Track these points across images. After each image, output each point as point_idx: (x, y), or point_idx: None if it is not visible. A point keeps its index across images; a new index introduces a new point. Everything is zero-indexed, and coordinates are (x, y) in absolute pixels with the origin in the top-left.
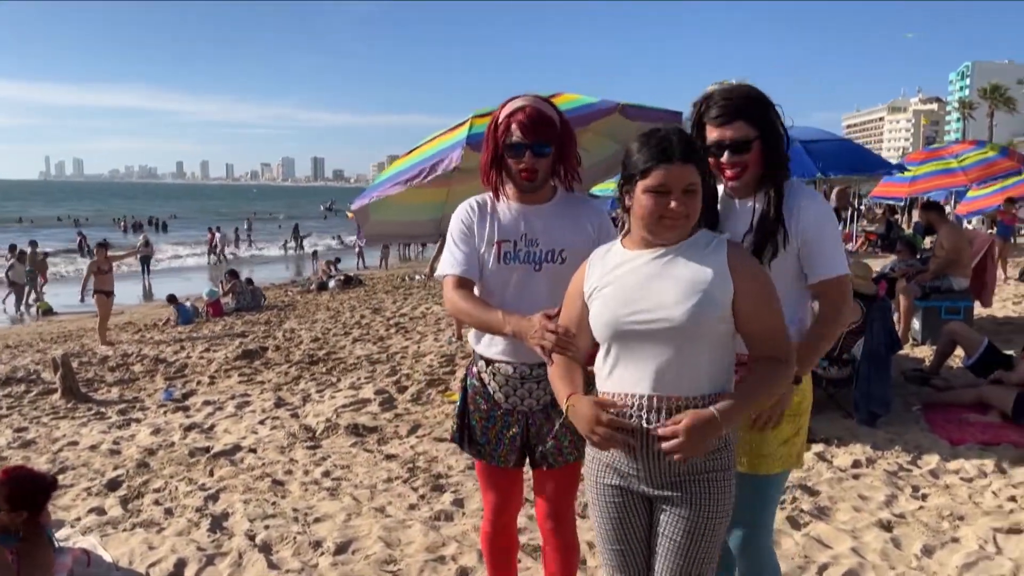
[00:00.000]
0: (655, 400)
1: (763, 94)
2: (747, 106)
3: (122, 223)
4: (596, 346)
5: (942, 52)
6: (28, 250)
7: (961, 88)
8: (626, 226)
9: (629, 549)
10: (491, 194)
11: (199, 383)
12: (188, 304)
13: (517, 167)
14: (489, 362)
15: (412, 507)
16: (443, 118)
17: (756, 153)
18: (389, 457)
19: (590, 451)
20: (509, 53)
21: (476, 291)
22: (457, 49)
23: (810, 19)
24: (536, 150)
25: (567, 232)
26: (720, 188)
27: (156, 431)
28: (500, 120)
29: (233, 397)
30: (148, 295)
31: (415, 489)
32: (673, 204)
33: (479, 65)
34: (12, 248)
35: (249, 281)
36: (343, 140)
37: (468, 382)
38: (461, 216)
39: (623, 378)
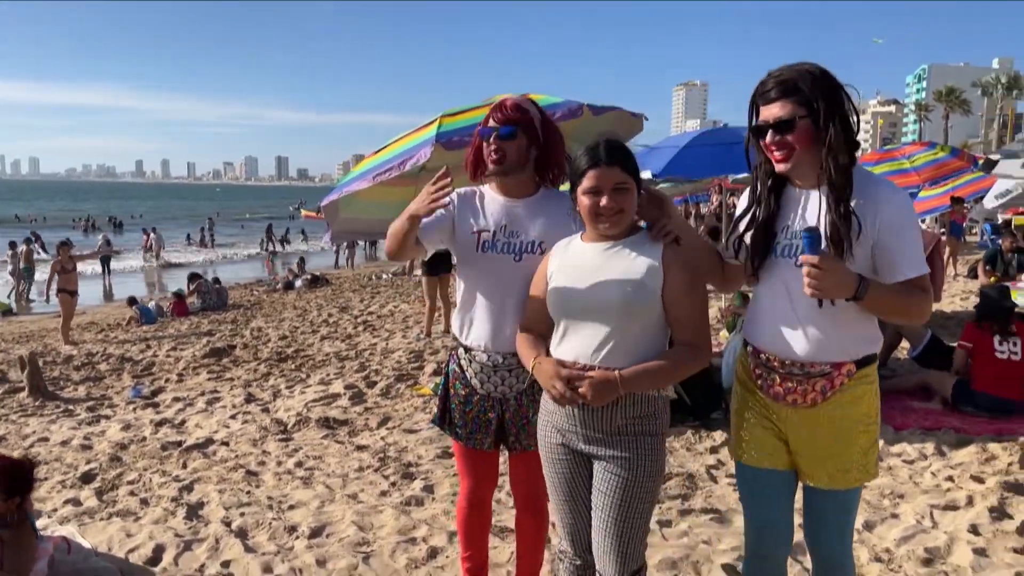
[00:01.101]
0: (595, 368)
1: (825, 72)
2: (798, 83)
3: (81, 223)
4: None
5: (899, 55)
6: (23, 247)
7: (918, 90)
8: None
9: (574, 500)
10: (484, 186)
11: (167, 380)
12: (152, 304)
13: (487, 151)
14: (467, 349)
15: (384, 493)
16: (410, 117)
17: (803, 133)
18: (360, 448)
19: (540, 415)
20: (477, 52)
21: (458, 278)
22: (424, 48)
23: (771, 20)
24: (501, 132)
25: (546, 226)
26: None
27: (126, 427)
28: (487, 115)
29: (203, 394)
30: (109, 295)
31: (386, 477)
32: (603, 201)
33: (446, 64)
34: (12, 245)
35: (216, 280)
36: (308, 139)
37: (449, 367)
38: (448, 196)
39: (570, 348)
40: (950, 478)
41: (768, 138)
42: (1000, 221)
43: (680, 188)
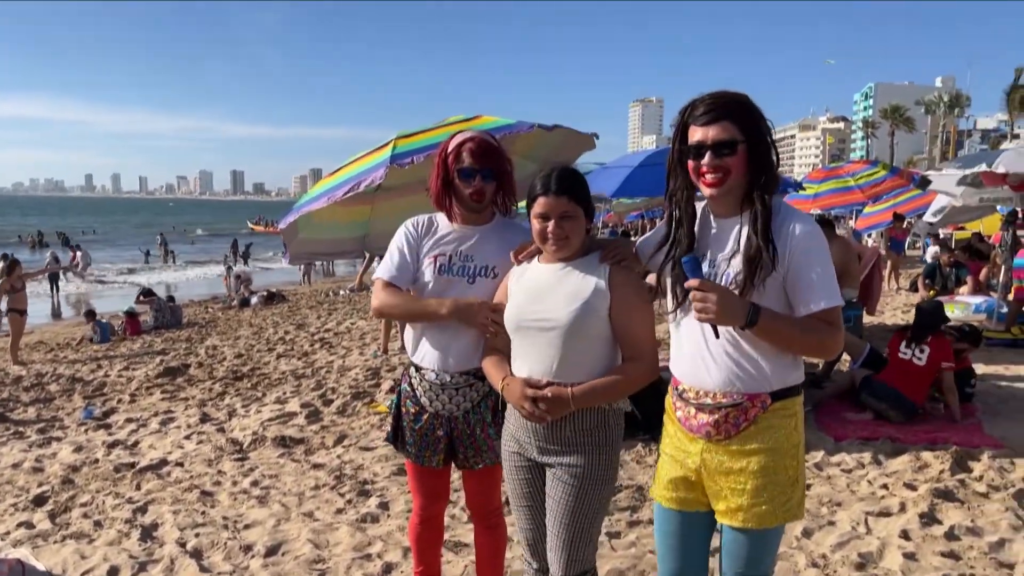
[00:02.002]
0: (549, 384)
1: (755, 103)
2: (736, 108)
3: (29, 239)
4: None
5: (848, 73)
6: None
7: (865, 108)
8: None
9: (532, 508)
10: (437, 214)
11: (120, 401)
12: (106, 320)
13: (467, 190)
14: (418, 368)
15: (339, 511)
16: (366, 131)
17: (741, 159)
18: (316, 466)
19: (504, 428)
20: (432, 69)
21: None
22: (379, 63)
23: (724, 40)
24: (485, 175)
25: (500, 252)
26: (700, 207)
27: (78, 449)
28: (451, 149)
29: (156, 414)
30: (57, 313)
31: (342, 495)
32: (550, 227)
33: (401, 80)
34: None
35: (170, 298)
36: (264, 153)
37: (401, 386)
38: (406, 228)
39: (525, 365)
40: (885, 486)
41: (706, 160)
42: (941, 236)
43: (635, 203)
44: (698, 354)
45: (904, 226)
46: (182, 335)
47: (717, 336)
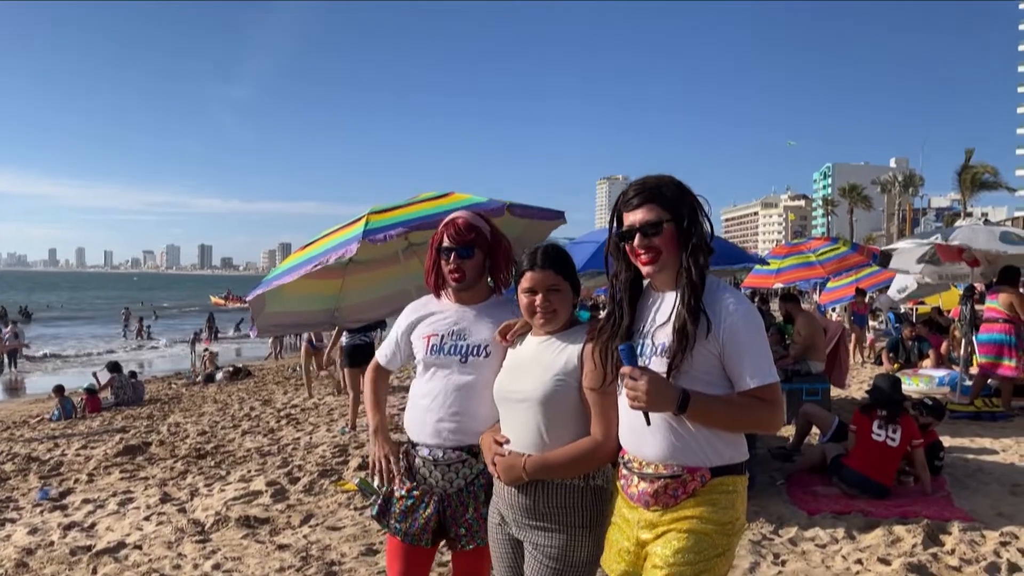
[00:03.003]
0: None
1: (680, 182)
2: (660, 190)
3: None
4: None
5: (807, 153)
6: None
7: (824, 187)
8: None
9: (512, 574)
10: (434, 293)
11: (77, 481)
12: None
13: (446, 268)
14: (414, 444)
15: None
16: (337, 206)
17: (668, 237)
18: (281, 547)
19: (492, 500)
20: (403, 144)
21: (414, 380)
22: (350, 138)
23: (689, 117)
24: (460, 252)
25: (493, 329)
26: (646, 283)
27: (33, 531)
28: (439, 230)
29: (115, 494)
30: (13, 390)
31: None
32: (538, 301)
33: (371, 155)
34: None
35: (132, 374)
36: (233, 227)
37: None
38: (406, 312)
39: (506, 434)
40: (859, 561)
41: (636, 241)
42: (902, 311)
43: (603, 278)
44: (639, 425)
45: (866, 300)
46: (143, 412)
47: (648, 423)
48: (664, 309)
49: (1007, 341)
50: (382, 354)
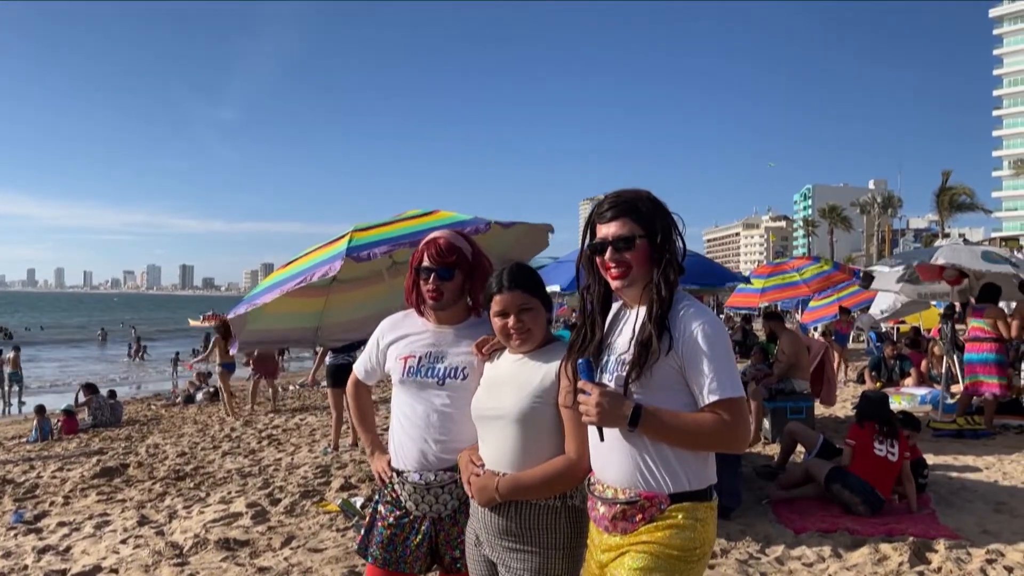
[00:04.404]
0: (501, 475)
1: (657, 198)
2: (636, 205)
3: None
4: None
5: (787, 174)
6: (11, 354)
7: (805, 208)
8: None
9: None
10: (409, 311)
11: (52, 504)
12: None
13: (424, 288)
14: (400, 473)
15: None
16: (319, 226)
17: (641, 253)
18: (262, 570)
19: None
20: (384, 164)
21: (394, 399)
22: (331, 158)
23: (669, 139)
24: (440, 273)
25: (470, 352)
26: (616, 305)
27: (6, 555)
28: (419, 248)
29: (91, 517)
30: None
31: None
32: (509, 322)
33: (353, 175)
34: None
35: (111, 395)
36: (214, 248)
37: (380, 494)
38: (383, 327)
39: (484, 453)
40: None
41: (608, 255)
42: (883, 330)
43: None
44: (600, 448)
45: (849, 319)
46: (121, 433)
47: (602, 439)
48: (632, 323)
49: (996, 360)
50: (360, 369)
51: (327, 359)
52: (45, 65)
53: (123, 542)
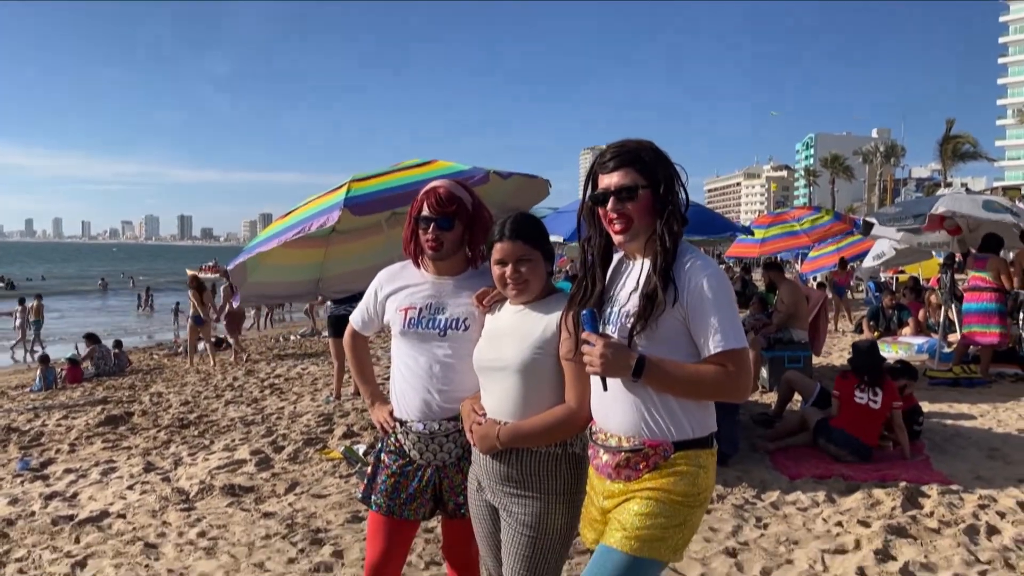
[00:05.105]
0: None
1: (659, 149)
2: (639, 155)
3: None
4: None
5: (789, 123)
6: (33, 302)
7: (806, 157)
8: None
9: (492, 544)
10: (408, 262)
11: (58, 451)
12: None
13: (424, 238)
14: (402, 422)
15: (291, 561)
16: (317, 176)
17: (644, 204)
18: (267, 515)
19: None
20: (382, 115)
21: (392, 349)
22: (327, 108)
23: (671, 88)
24: (439, 223)
25: (470, 303)
26: (617, 256)
27: (13, 501)
28: (419, 198)
29: (97, 464)
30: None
31: (294, 544)
32: (508, 272)
33: (351, 125)
34: (22, 301)
35: (117, 344)
36: (212, 197)
37: (383, 443)
38: (380, 277)
39: (486, 403)
40: (840, 523)
41: (610, 206)
42: (882, 279)
43: None
44: (604, 397)
45: (847, 271)
46: (125, 382)
47: (605, 388)
48: (635, 275)
49: (996, 310)
50: (357, 319)
51: (327, 308)
52: (37, 15)
53: (130, 488)
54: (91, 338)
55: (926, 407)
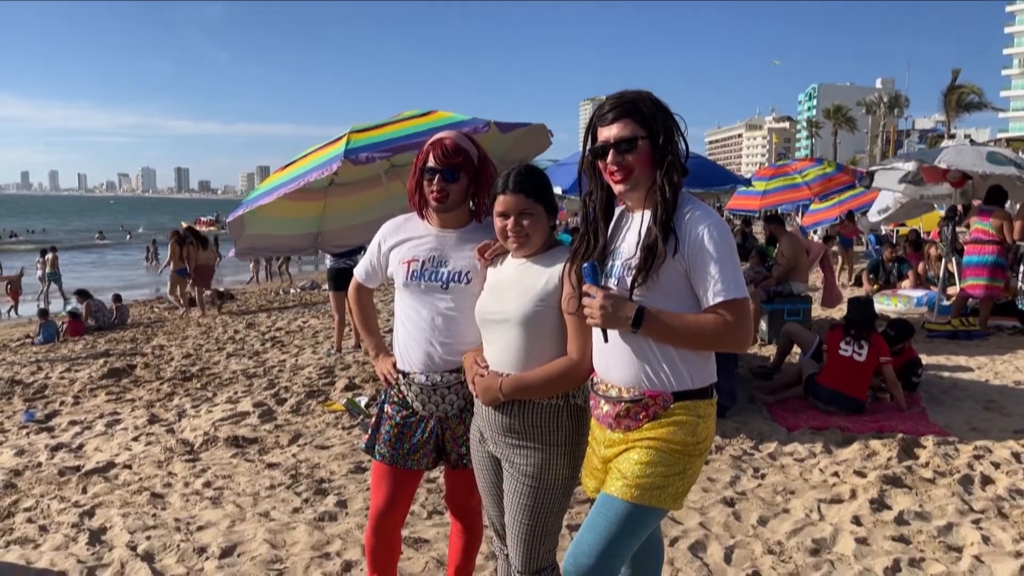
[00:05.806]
0: (505, 375)
1: (658, 99)
2: (637, 105)
3: None
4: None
5: (792, 74)
6: (50, 255)
7: (809, 108)
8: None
9: (495, 495)
10: (412, 214)
11: (62, 404)
12: (58, 322)
13: (429, 189)
14: (405, 374)
15: (296, 510)
16: (315, 128)
17: (643, 155)
18: (271, 466)
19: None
20: (379, 65)
21: (397, 302)
22: (325, 58)
23: (672, 38)
24: (445, 175)
25: (472, 256)
26: (619, 211)
27: (20, 452)
28: (424, 149)
29: (102, 416)
30: None
31: (298, 494)
32: (509, 224)
33: (348, 75)
34: (43, 252)
35: (117, 298)
36: (209, 150)
37: (386, 394)
38: (384, 229)
39: (488, 356)
40: (836, 474)
41: (610, 158)
42: (883, 233)
43: None
44: (605, 349)
45: (853, 224)
46: (126, 335)
47: (606, 339)
48: (636, 228)
49: (998, 263)
50: (361, 272)
51: (327, 263)
52: None
53: (135, 439)
54: (81, 294)
55: (924, 359)
